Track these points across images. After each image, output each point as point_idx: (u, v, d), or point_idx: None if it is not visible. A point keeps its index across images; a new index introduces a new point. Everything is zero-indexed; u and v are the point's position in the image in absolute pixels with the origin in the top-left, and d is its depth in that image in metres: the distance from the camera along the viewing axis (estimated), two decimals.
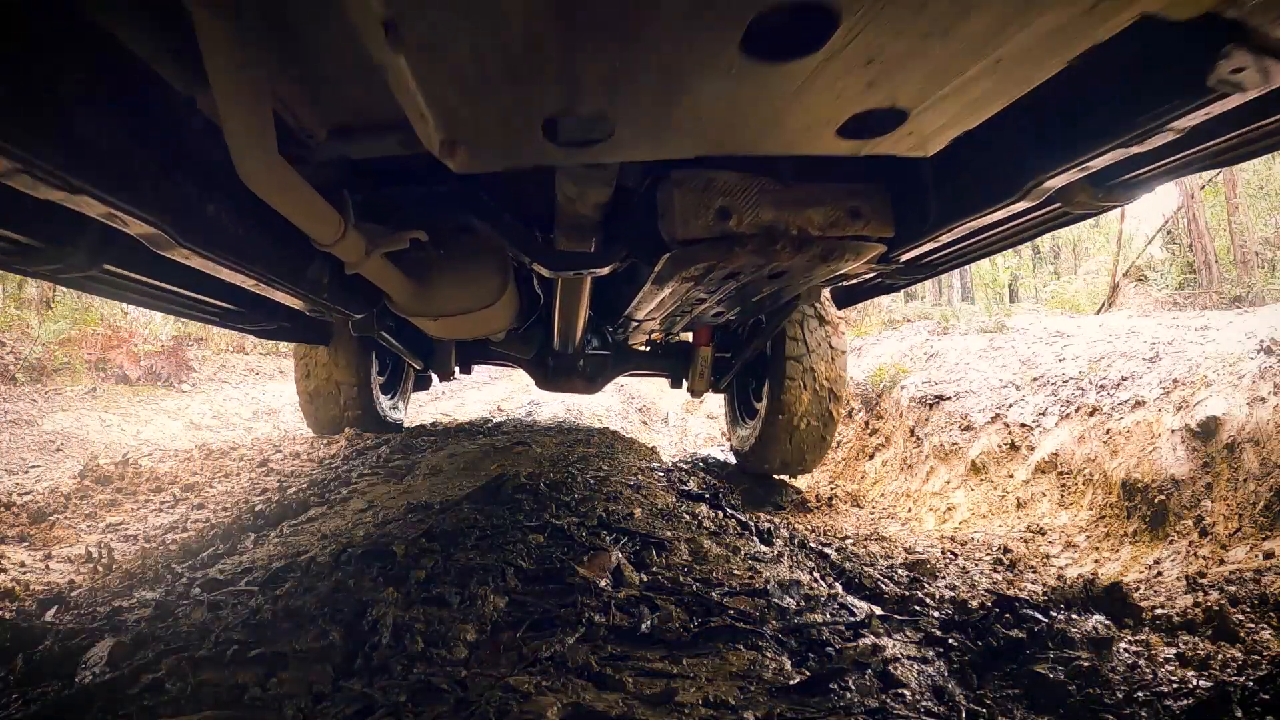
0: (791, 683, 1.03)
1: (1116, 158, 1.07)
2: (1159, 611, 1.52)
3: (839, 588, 1.63)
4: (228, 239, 1.37)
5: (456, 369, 4.19)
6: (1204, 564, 2.25)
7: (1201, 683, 1.06)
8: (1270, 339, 3.01)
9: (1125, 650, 1.19)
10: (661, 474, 2.88)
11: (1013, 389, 4.38)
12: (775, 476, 4.11)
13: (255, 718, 0.93)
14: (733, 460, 5.00)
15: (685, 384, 4.12)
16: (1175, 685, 1.05)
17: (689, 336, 4.39)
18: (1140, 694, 1.01)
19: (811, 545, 2.17)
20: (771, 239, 1.55)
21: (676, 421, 7.85)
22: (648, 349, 4.33)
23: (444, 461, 3.16)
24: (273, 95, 1.10)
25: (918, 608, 1.43)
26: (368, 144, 1.34)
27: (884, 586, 1.67)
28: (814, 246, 1.59)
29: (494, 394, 9.15)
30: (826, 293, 3.41)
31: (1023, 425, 3.98)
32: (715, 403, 7.63)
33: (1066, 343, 4.76)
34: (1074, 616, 1.23)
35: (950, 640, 1.20)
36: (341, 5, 0.73)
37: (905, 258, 1.79)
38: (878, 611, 1.35)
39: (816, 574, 1.72)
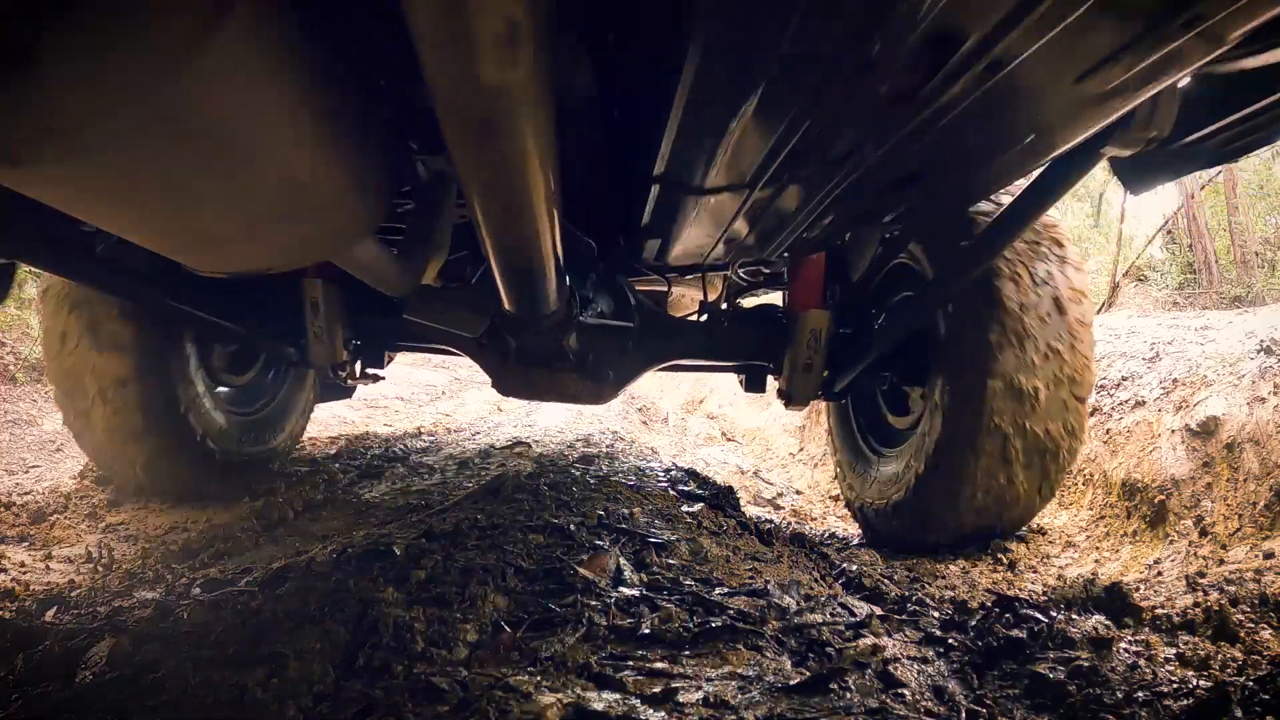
0: (792, 683, 1.03)
1: None
2: (1159, 611, 1.51)
3: (839, 588, 1.63)
4: None
5: (348, 358, 2.25)
6: (1204, 564, 2.25)
7: (1201, 683, 1.06)
8: (1270, 339, 3.01)
9: (1125, 650, 1.19)
10: (661, 473, 2.89)
11: None
12: (949, 546, 2.17)
13: (255, 718, 0.93)
14: (733, 463, 4.93)
15: (776, 382, 2.27)
16: (1175, 685, 1.05)
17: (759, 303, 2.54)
18: (1140, 694, 1.01)
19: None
20: None
21: (676, 421, 7.84)
22: (702, 320, 2.34)
23: (443, 461, 3.16)
24: None
25: (918, 608, 1.43)
26: None
27: (884, 586, 1.67)
28: None
29: (495, 394, 9.14)
30: (1053, 210, 1.64)
31: None
32: (714, 402, 7.51)
33: None
34: (1074, 616, 1.23)
35: (950, 640, 1.20)
36: None
37: None
38: (878, 611, 1.35)
39: (816, 574, 1.72)
